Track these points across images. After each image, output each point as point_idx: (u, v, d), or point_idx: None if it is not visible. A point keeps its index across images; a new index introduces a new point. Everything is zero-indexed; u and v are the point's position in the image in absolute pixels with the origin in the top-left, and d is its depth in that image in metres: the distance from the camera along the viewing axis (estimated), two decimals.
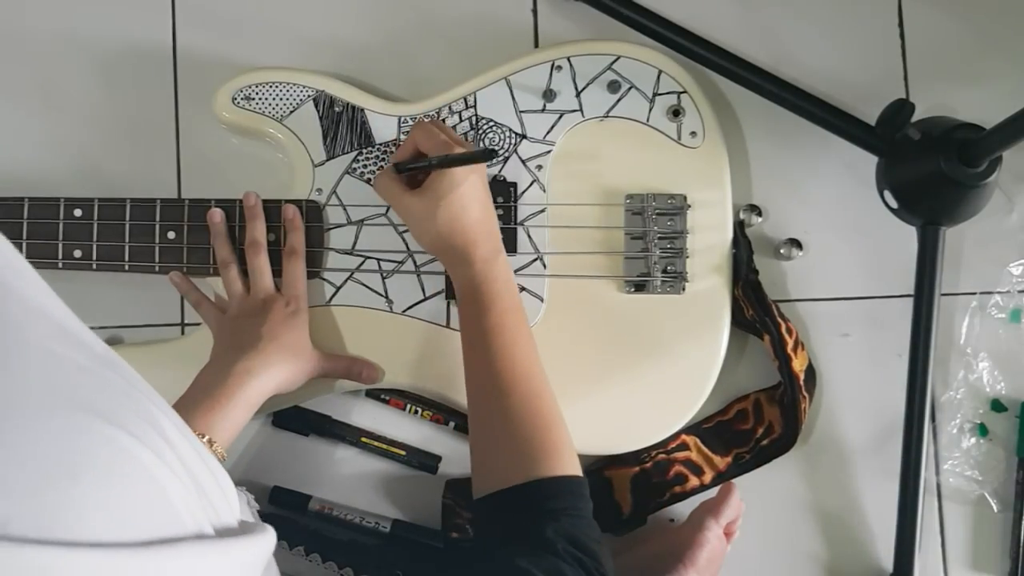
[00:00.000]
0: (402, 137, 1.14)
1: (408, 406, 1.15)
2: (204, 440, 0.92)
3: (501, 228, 1.11)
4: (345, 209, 1.13)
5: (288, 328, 1.05)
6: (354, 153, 1.13)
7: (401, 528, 1.14)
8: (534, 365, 1.01)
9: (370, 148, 1.14)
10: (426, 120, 1.10)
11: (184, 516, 0.50)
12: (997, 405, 1.21)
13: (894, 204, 1.17)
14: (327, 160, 1.13)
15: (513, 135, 1.14)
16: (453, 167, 1.02)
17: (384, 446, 1.16)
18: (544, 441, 0.96)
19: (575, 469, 0.96)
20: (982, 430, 1.21)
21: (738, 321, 1.15)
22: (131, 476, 0.48)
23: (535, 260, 1.14)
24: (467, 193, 1.03)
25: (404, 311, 1.12)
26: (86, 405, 0.49)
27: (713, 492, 1.12)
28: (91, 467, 0.46)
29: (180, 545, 0.48)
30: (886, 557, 1.18)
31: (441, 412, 1.15)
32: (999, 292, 1.22)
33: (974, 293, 1.22)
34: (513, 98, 1.15)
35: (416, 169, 1.07)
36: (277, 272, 1.10)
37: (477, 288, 1.02)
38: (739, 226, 1.16)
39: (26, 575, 0.41)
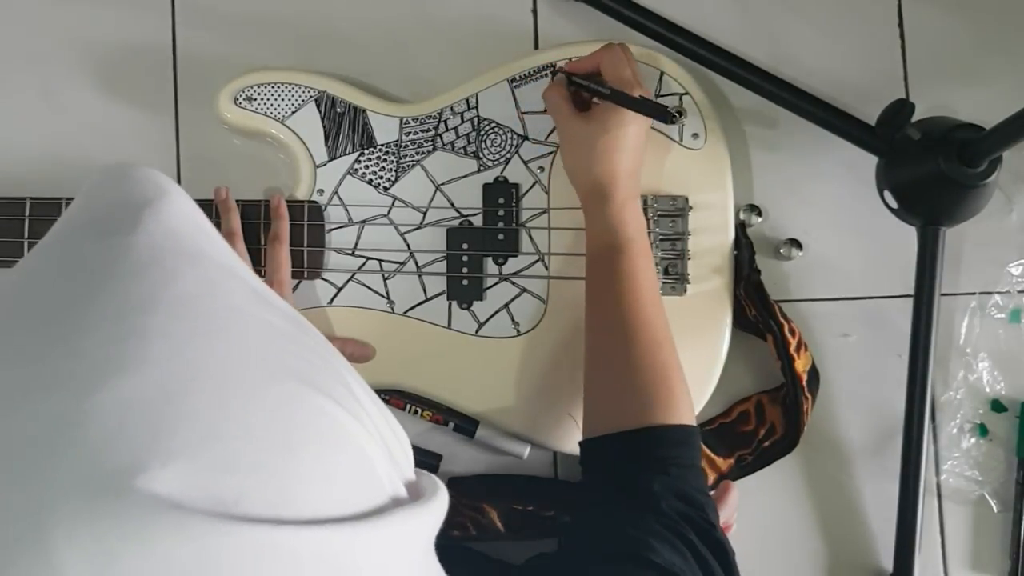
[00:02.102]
0: (404, 139, 1.14)
1: (408, 406, 1.15)
2: None
3: (502, 229, 1.11)
4: (347, 209, 1.13)
5: None
6: (356, 154, 1.13)
7: None
8: (659, 312, 1.01)
9: (372, 149, 1.14)
10: (617, 44, 1.09)
11: (384, 482, 0.51)
12: (997, 405, 1.21)
13: (894, 204, 1.17)
14: (329, 161, 1.13)
15: (515, 136, 1.14)
16: (627, 108, 1.02)
17: None
18: (661, 389, 0.97)
19: (689, 418, 0.97)
20: (982, 430, 1.21)
21: (740, 322, 1.15)
22: (343, 447, 0.49)
23: (536, 262, 1.14)
24: (630, 136, 1.04)
25: (405, 312, 1.12)
26: (295, 373, 0.49)
27: (713, 492, 1.12)
28: (310, 440, 0.47)
29: (386, 515, 0.48)
30: (886, 557, 1.18)
31: (441, 412, 1.15)
32: (999, 292, 1.22)
33: (974, 293, 1.22)
34: (515, 99, 1.15)
35: (588, 90, 1.07)
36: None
37: (612, 228, 1.03)
38: (740, 227, 1.17)
39: (258, 555, 0.41)
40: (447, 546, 0.56)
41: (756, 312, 1.15)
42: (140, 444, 0.41)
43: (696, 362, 1.12)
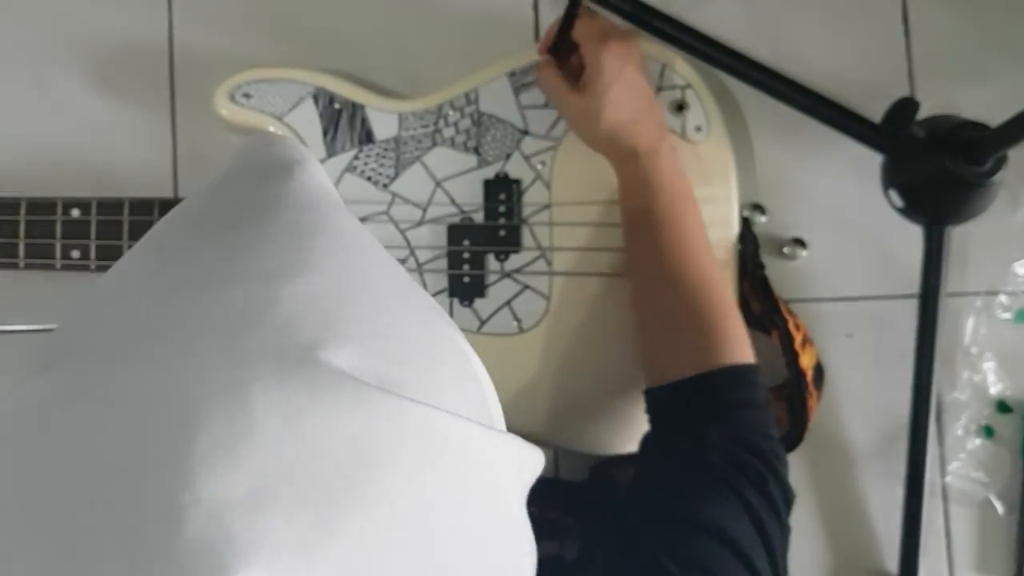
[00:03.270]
0: (403, 135, 1.13)
1: None
2: None
3: (503, 225, 1.10)
4: (346, 207, 1.12)
5: None
6: (354, 150, 1.13)
7: None
8: (705, 254, 1.02)
9: (370, 145, 1.13)
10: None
11: (495, 416, 0.58)
12: (1003, 406, 1.21)
13: (899, 203, 1.16)
14: (327, 158, 1.13)
15: (515, 131, 1.14)
16: (562, 27, 1.04)
17: None
18: (715, 330, 0.98)
19: (747, 357, 0.98)
20: (987, 431, 1.20)
21: (745, 318, 1.14)
22: (467, 369, 0.56)
23: (539, 258, 1.13)
24: (625, 85, 1.04)
25: None
26: (425, 302, 0.58)
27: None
28: (447, 353, 0.55)
29: (508, 436, 0.54)
30: (891, 559, 1.18)
31: None
32: (1004, 292, 1.21)
33: (979, 293, 1.22)
34: (515, 94, 1.14)
35: (560, 40, 1.07)
36: None
37: (644, 181, 1.03)
38: (745, 222, 1.16)
39: (418, 430, 0.47)
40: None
41: (761, 307, 1.14)
42: (321, 327, 0.48)
43: None
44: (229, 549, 0.40)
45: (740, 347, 0.98)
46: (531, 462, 0.56)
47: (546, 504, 1.12)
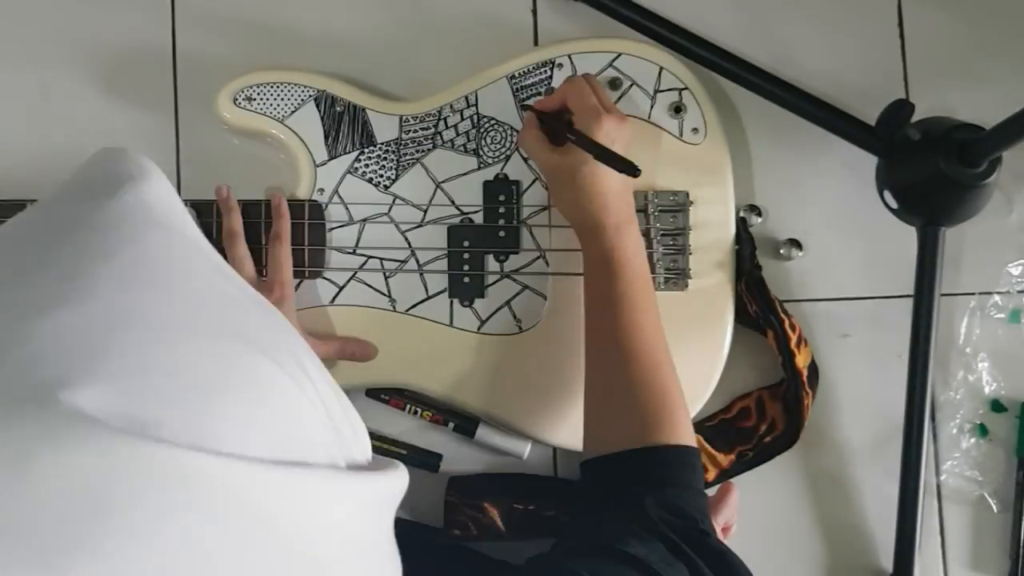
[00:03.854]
0: (403, 137, 1.14)
1: (408, 406, 1.15)
2: None
3: (503, 226, 1.11)
4: (347, 208, 1.13)
5: None
6: (356, 153, 1.13)
7: (401, 527, 1.14)
8: (658, 334, 1.01)
9: (372, 148, 1.14)
10: (579, 76, 1.09)
11: (317, 446, 0.53)
12: (997, 405, 1.21)
13: (894, 204, 1.17)
14: (329, 160, 1.13)
15: (515, 133, 1.15)
16: (590, 153, 1.01)
17: (385, 445, 1.15)
18: (660, 410, 0.97)
19: (689, 439, 0.97)
20: (982, 430, 1.21)
21: (741, 318, 1.15)
22: (271, 399, 0.51)
23: (538, 258, 1.14)
24: None
25: (407, 310, 1.12)
26: (240, 336, 0.52)
27: (714, 491, 1.12)
28: (235, 385, 0.49)
29: (312, 470, 0.51)
30: (886, 557, 1.18)
31: (441, 413, 1.15)
32: (998, 292, 1.22)
33: (973, 293, 1.22)
34: (515, 96, 1.15)
35: (556, 130, 1.06)
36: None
37: (607, 254, 1.02)
38: (742, 222, 1.17)
39: (165, 474, 0.43)
40: (448, 546, 0.57)
41: (757, 308, 1.15)
42: (69, 364, 0.44)
43: (698, 358, 1.13)
44: None
45: (682, 428, 0.97)
46: (362, 493, 0.54)
47: (545, 502, 1.13)
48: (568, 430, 1.11)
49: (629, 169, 0.99)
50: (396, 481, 0.57)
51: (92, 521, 0.41)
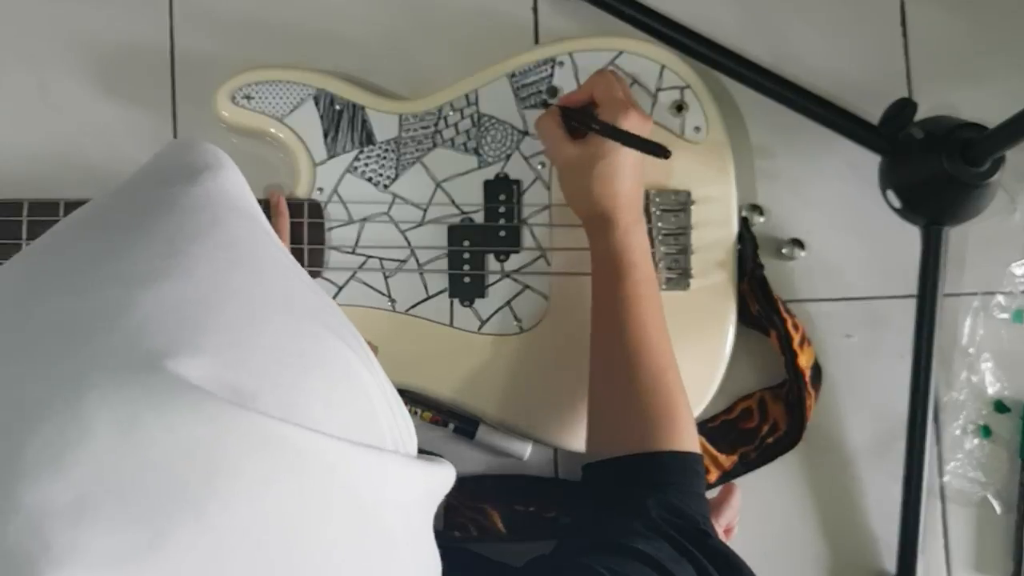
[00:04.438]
0: (403, 136, 1.13)
1: (408, 406, 1.14)
2: None
3: (503, 226, 1.11)
4: (347, 208, 1.12)
5: None
6: (355, 151, 1.13)
7: None
8: (664, 338, 1.01)
9: (371, 146, 1.13)
10: (608, 70, 1.10)
11: (386, 432, 0.54)
12: (1000, 406, 1.21)
13: (897, 204, 1.17)
14: (328, 159, 1.13)
15: (515, 132, 1.14)
16: (618, 141, 1.01)
17: None
18: (665, 415, 0.97)
19: (693, 445, 0.97)
20: (985, 431, 1.21)
21: (743, 318, 1.15)
22: (351, 381, 0.53)
23: (539, 258, 1.13)
24: (626, 159, 1.03)
25: (407, 310, 1.12)
26: (321, 319, 0.54)
27: (716, 492, 1.11)
28: (321, 364, 0.51)
29: (388, 453, 0.52)
30: (889, 559, 1.18)
31: (441, 413, 1.15)
32: (1002, 292, 1.22)
33: (976, 293, 1.22)
34: (515, 95, 1.14)
35: (582, 125, 1.06)
36: None
37: (616, 255, 1.02)
38: (744, 222, 1.16)
39: (265, 443, 0.45)
40: (447, 547, 0.57)
41: (759, 307, 1.14)
42: (175, 335, 0.46)
43: (700, 358, 1.13)
44: (44, 557, 0.40)
45: (687, 434, 0.97)
46: (424, 481, 0.55)
47: (545, 503, 1.12)
48: (569, 431, 1.11)
49: (661, 151, 1.00)
50: (449, 475, 0.58)
51: (195, 485, 0.43)
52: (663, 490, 0.92)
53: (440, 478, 0.57)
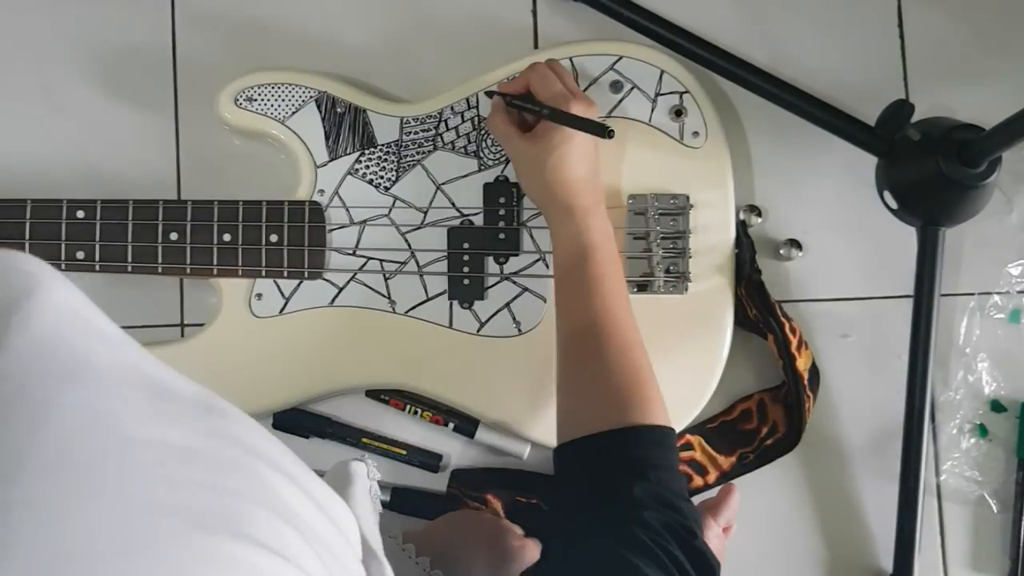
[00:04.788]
0: (404, 139, 1.14)
1: (408, 406, 1.15)
2: None
3: (503, 228, 1.11)
4: (348, 210, 1.13)
5: None
6: (356, 154, 1.13)
7: (402, 495, 1.16)
8: (628, 316, 1.01)
9: (372, 149, 1.14)
10: (542, 63, 1.10)
11: None
12: (996, 406, 1.21)
13: (894, 205, 1.17)
14: (329, 161, 1.13)
15: None
16: (565, 125, 1.02)
17: (385, 446, 1.16)
18: (635, 391, 0.96)
19: (663, 419, 0.96)
20: (982, 431, 1.21)
21: (741, 321, 1.16)
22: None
23: (537, 260, 1.14)
24: (577, 148, 1.04)
25: (407, 312, 1.12)
26: (200, 517, 0.44)
27: (716, 492, 1.12)
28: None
29: None
30: (886, 557, 1.18)
31: (440, 413, 1.15)
32: (998, 293, 1.22)
33: (973, 294, 1.22)
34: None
35: (526, 110, 1.07)
36: (271, 273, 1.11)
37: (576, 238, 1.03)
38: (741, 226, 1.17)
39: None
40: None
41: (757, 312, 1.15)
42: None
43: (698, 361, 1.13)
44: None
45: (658, 409, 0.97)
46: None
47: (547, 497, 1.13)
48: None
49: (601, 131, 1.00)
50: None
51: None
52: (642, 471, 0.90)
53: None
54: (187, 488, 0.44)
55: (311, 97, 1.14)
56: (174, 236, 1.10)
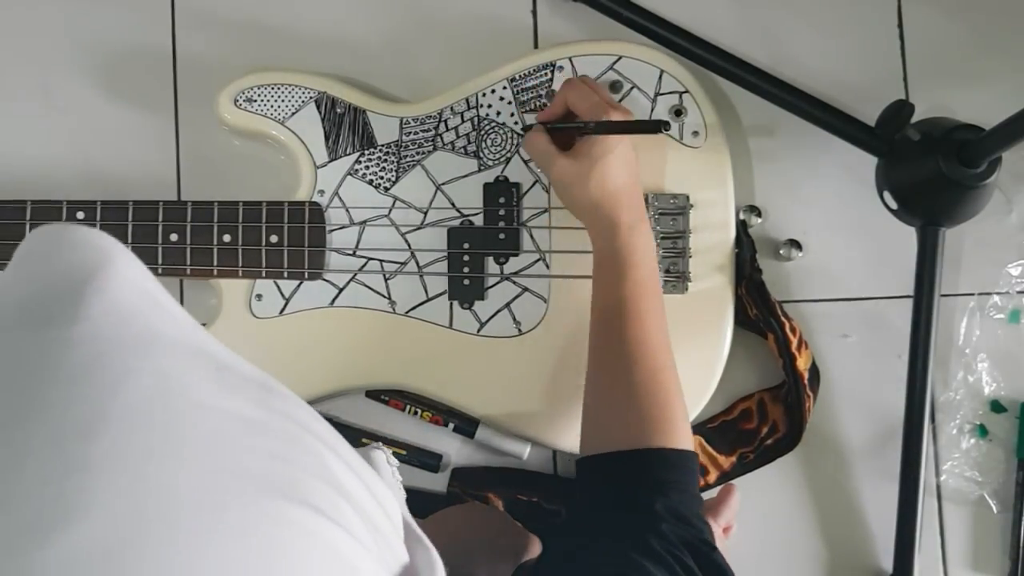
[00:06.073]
0: (404, 139, 1.14)
1: (408, 406, 1.15)
2: None
3: (503, 229, 1.11)
4: (347, 210, 1.13)
5: None
6: (356, 154, 1.13)
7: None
8: (663, 337, 1.01)
9: (372, 149, 1.14)
10: (575, 78, 1.10)
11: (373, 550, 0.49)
12: (996, 406, 1.21)
13: (894, 205, 1.17)
14: (329, 162, 1.13)
15: (515, 136, 1.15)
16: (617, 134, 1.02)
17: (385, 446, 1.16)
18: (663, 413, 0.97)
19: (688, 444, 0.97)
20: (982, 431, 1.21)
21: (741, 321, 1.16)
22: (324, 565, 0.46)
23: (538, 261, 1.14)
24: (620, 158, 1.03)
25: (407, 312, 1.12)
26: (267, 482, 0.46)
27: (716, 492, 1.12)
28: (287, 568, 0.44)
29: None
30: (886, 558, 1.18)
31: (440, 413, 1.15)
32: (998, 293, 1.22)
33: (973, 294, 1.22)
34: (515, 98, 1.15)
35: (570, 131, 1.06)
36: (272, 274, 1.11)
37: (618, 254, 1.02)
38: (741, 225, 1.17)
39: None
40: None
41: (757, 311, 1.15)
42: None
43: (698, 360, 1.13)
44: None
45: (683, 433, 0.97)
46: None
47: (547, 497, 1.13)
48: (567, 433, 1.11)
49: (656, 127, 0.99)
50: (437, 565, 0.54)
51: None
52: (665, 493, 0.91)
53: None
54: (255, 455, 0.46)
55: (311, 98, 1.14)
56: (174, 237, 1.10)
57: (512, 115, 1.15)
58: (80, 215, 1.09)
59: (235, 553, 0.42)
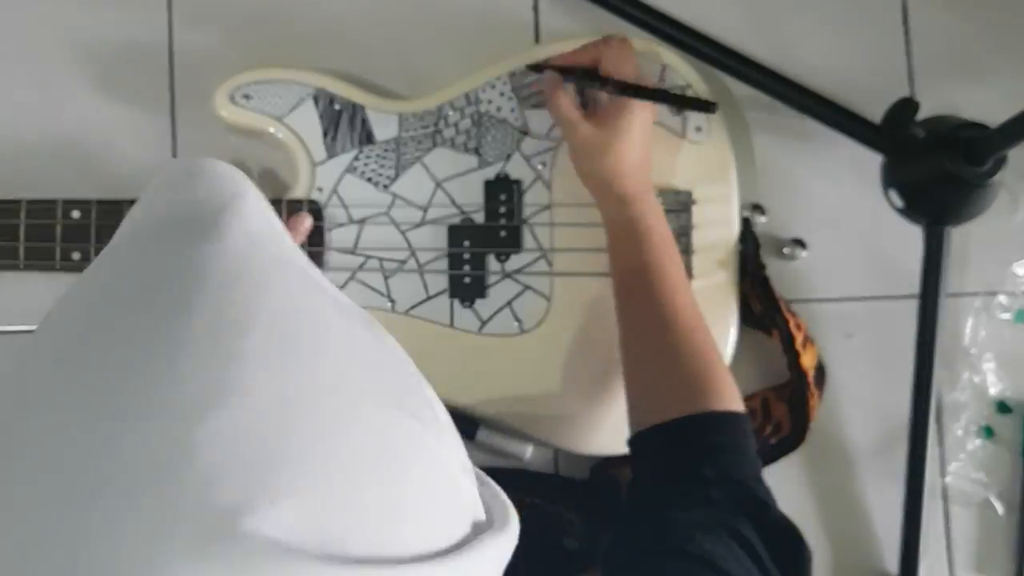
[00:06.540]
0: (403, 136, 1.13)
1: None
2: None
3: (504, 226, 1.11)
4: (346, 208, 1.12)
5: None
6: (355, 151, 1.12)
7: None
8: (690, 299, 1.01)
9: (371, 146, 1.13)
10: (618, 37, 1.08)
11: (468, 506, 0.52)
12: (1003, 407, 1.21)
13: (899, 203, 1.17)
14: (328, 159, 1.12)
15: (516, 132, 1.14)
16: (665, 103, 1.04)
17: None
18: (706, 376, 0.96)
19: (737, 404, 0.96)
20: (987, 432, 1.20)
21: (746, 318, 1.15)
22: (438, 479, 0.50)
23: (539, 258, 1.13)
24: (640, 133, 1.04)
25: (407, 311, 1.11)
26: (388, 395, 0.50)
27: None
28: (411, 476, 0.48)
29: (472, 546, 0.49)
30: (891, 560, 1.18)
31: None
32: (1004, 292, 1.21)
33: (979, 293, 1.22)
34: (516, 94, 1.14)
35: (611, 90, 1.05)
36: None
37: (634, 222, 1.02)
38: (745, 222, 1.16)
39: None
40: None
41: (762, 307, 1.14)
42: (248, 481, 0.41)
43: None
44: None
45: (729, 393, 0.96)
46: (502, 551, 0.52)
47: (550, 498, 1.12)
48: (570, 432, 1.11)
49: (708, 107, 1.02)
50: (515, 524, 0.56)
51: None
52: (715, 457, 0.90)
53: (513, 535, 0.55)
54: (378, 368, 0.51)
55: (308, 94, 1.13)
56: None
57: (513, 111, 1.14)
58: (75, 214, 1.09)
59: (365, 442, 0.46)
